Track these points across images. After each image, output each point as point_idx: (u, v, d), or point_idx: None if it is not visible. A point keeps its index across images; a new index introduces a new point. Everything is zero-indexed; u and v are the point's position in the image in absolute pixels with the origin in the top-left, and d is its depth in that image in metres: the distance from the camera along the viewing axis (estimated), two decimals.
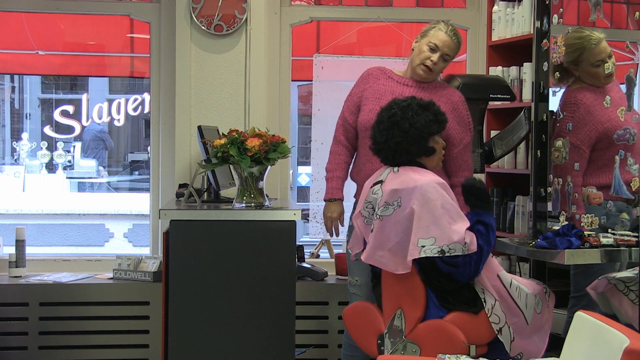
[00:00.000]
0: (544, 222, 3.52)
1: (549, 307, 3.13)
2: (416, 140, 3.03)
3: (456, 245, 2.85)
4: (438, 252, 2.84)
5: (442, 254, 2.84)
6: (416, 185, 2.92)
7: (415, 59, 3.48)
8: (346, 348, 3.60)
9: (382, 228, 2.94)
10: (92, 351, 4.34)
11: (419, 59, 3.45)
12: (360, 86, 3.58)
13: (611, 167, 3.32)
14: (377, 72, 3.57)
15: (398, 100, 3.11)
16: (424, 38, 3.47)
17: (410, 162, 3.05)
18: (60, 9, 4.77)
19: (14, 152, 10.61)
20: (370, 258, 2.97)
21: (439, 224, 2.86)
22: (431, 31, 3.46)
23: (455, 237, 2.85)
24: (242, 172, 3.75)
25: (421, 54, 3.45)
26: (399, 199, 2.92)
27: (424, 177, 2.96)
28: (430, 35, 3.45)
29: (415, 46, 3.50)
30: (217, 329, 3.63)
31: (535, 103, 3.58)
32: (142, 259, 4.49)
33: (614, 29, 3.52)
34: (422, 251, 2.84)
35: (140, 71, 5.53)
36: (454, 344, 2.84)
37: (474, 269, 2.91)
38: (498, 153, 3.91)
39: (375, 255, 2.96)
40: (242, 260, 3.64)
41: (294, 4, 4.81)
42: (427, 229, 2.85)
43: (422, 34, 3.49)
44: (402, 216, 2.90)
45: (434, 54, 3.43)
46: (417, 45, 3.48)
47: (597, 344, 2.29)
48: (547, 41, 3.50)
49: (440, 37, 3.43)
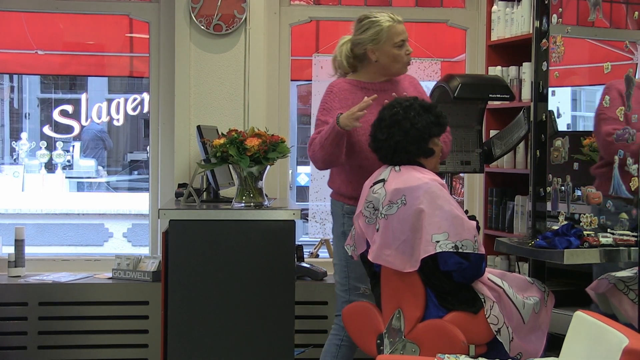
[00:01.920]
0: (543, 222, 3.52)
1: (547, 307, 3.14)
2: (416, 141, 3.04)
3: (467, 242, 2.87)
4: (452, 247, 2.86)
5: (456, 249, 2.86)
6: (420, 183, 2.93)
7: (392, 65, 3.38)
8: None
9: (387, 227, 2.94)
10: (92, 351, 4.34)
11: (398, 61, 3.37)
12: (337, 100, 3.39)
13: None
14: (346, 85, 3.43)
15: (400, 99, 3.12)
16: (384, 43, 3.33)
17: (410, 161, 3.06)
18: (60, 8, 4.78)
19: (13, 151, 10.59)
20: (377, 257, 2.97)
21: (450, 220, 2.87)
22: (383, 34, 3.32)
23: (466, 233, 2.87)
24: (241, 171, 3.75)
25: (396, 57, 3.36)
26: (403, 197, 2.93)
27: (426, 176, 2.97)
28: (387, 37, 3.33)
29: (379, 54, 3.35)
30: (216, 329, 3.63)
31: (535, 103, 3.58)
32: (141, 259, 4.49)
33: (613, 28, 3.52)
34: (438, 246, 2.85)
35: (140, 71, 5.53)
36: (454, 343, 2.84)
37: (483, 269, 2.93)
38: (497, 153, 3.91)
39: (382, 254, 2.95)
40: (242, 260, 3.64)
41: (293, 3, 4.81)
42: (439, 224, 2.87)
43: (374, 40, 3.33)
44: (407, 214, 2.90)
45: (405, 45, 3.38)
46: (382, 52, 3.34)
47: (597, 343, 2.29)
48: (547, 41, 3.50)
49: (398, 31, 3.35)
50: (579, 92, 4.53)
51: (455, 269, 2.90)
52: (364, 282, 3.38)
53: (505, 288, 3.00)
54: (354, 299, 3.39)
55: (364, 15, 3.42)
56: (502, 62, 4.36)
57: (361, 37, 3.37)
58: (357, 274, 3.38)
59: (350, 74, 3.49)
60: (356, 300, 3.36)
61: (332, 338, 3.50)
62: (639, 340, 2.13)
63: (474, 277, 2.94)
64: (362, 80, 3.44)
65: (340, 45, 3.47)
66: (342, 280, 3.46)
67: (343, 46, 3.45)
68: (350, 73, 3.49)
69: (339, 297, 3.49)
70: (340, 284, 3.47)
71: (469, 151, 3.84)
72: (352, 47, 3.42)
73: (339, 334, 3.46)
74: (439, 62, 5.64)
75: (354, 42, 3.41)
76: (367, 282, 3.34)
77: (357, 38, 3.39)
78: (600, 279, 3.22)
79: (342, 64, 3.46)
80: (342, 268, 3.45)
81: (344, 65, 3.46)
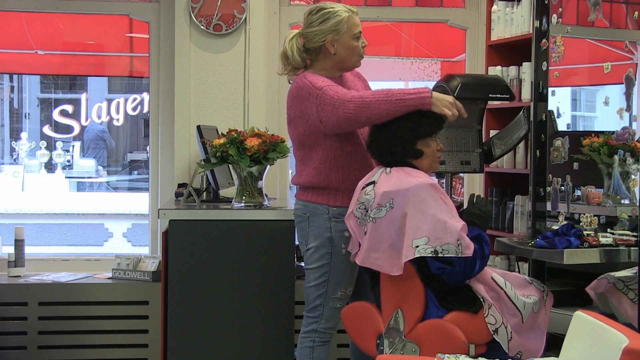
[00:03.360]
0: (543, 222, 3.52)
1: (546, 307, 3.13)
2: (400, 143, 3.02)
3: (449, 247, 2.84)
4: (432, 252, 2.83)
5: (436, 254, 2.84)
6: (408, 187, 2.91)
7: (350, 58, 3.29)
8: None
9: (375, 230, 2.93)
10: (91, 351, 4.34)
11: (356, 54, 3.30)
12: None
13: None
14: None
15: None
16: (344, 34, 3.25)
17: (401, 162, 3.05)
18: (60, 8, 4.78)
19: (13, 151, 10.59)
20: (365, 261, 2.97)
21: (431, 225, 2.85)
22: (342, 25, 3.24)
23: (448, 238, 2.85)
24: (241, 171, 3.75)
25: (354, 49, 3.28)
26: (391, 201, 2.92)
27: (415, 179, 2.95)
28: (347, 27, 3.25)
29: (338, 46, 3.25)
30: (216, 329, 3.63)
31: (535, 103, 3.58)
32: (141, 259, 4.49)
33: (613, 28, 3.52)
34: (417, 251, 2.83)
35: (140, 71, 5.52)
36: (455, 343, 2.84)
37: (474, 271, 2.90)
38: (497, 153, 3.90)
39: (370, 257, 2.95)
40: (241, 259, 3.64)
41: (293, 3, 4.81)
42: (419, 229, 2.85)
43: (335, 31, 3.23)
44: (394, 218, 2.90)
45: (362, 38, 3.31)
46: (341, 43, 3.25)
47: (596, 343, 2.29)
48: (547, 41, 3.50)
49: (356, 22, 3.28)
50: (578, 92, 4.54)
51: (440, 273, 2.90)
52: (343, 287, 3.30)
53: (507, 289, 2.99)
54: (333, 304, 3.31)
55: (319, 7, 3.30)
56: (502, 62, 4.36)
57: (320, 28, 3.25)
58: (338, 278, 3.29)
59: (302, 69, 3.35)
60: (334, 305, 3.30)
61: (303, 341, 3.37)
62: (639, 340, 2.13)
63: (464, 279, 2.92)
64: (318, 74, 3.29)
65: (290, 39, 3.31)
66: (320, 284, 3.31)
67: (294, 40, 3.30)
68: (302, 69, 3.35)
69: (310, 302, 3.34)
70: (316, 288, 3.31)
71: (469, 151, 3.83)
72: (305, 41, 3.29)
73: (309, 335, 3.36)
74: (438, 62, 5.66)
75: (307, 34, 3.28)
76: (347, 285, 3.31)
77: (315, 30, 3.26)
78: (599, 278, 3.22)
79: (295, 59, 3.30)
80: (322, 273, 3.29)
81: (297, 61, 3.30)
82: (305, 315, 3.37)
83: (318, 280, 3.31)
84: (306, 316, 3.36)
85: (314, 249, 3.30)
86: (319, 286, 3.31)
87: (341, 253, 3.26)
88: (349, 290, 3.34)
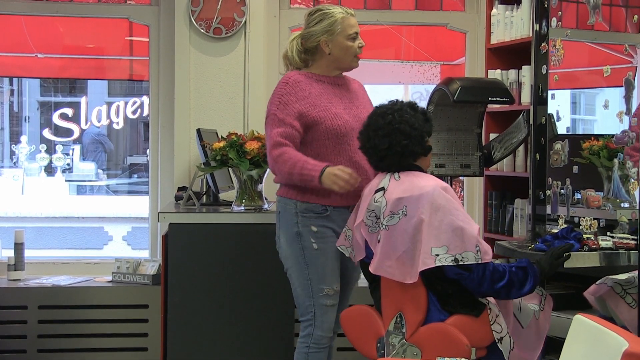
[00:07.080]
0: (543, 225, 3.52)
1: (545, 310, 3.13)
2: (418, 141, 3.02)
3: (469, 254, 2.83)
4: (452, 260, 2.82)
5: (456, 262, 2.83)
6: (422, 192, 2.89)
7: (345, 58, 3.35)
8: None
9: (388, 238, 2.91)
10: (91, 354, 4.34)
11: (351, 54, 3.35)
12: (294, 94, 3.30)
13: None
14: (301, 77, 3.36)
15: (384, 105, 3.08)
16: (338, 34, 3.32)
17: (409, 166, 3.04)
18: (60, 12, 4.79)
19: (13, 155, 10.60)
20: (379, 269, 2.95)
21: (450, 233, 2.84)
22: (337, 25, 3.31)
23: (467, 245, 2.84)
24: (241, 175, 3.75)
25: (349, 49, 3.34)
26: (404, 208, 2.90)
27: (428, 183, 2.93)
28: (341, 28, 3.32)
29: (333, 46, 3.32)
30: (216, 332, 3.63)
31: (534, 106, 3.58)
32: (141, 262, 4.49)
33: (613, 32, 3.52)
34: (437, 260, 2.82)
35: (140, 74, 5.53)
36: (457, 347, 2.83)
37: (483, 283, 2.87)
38: (497, 156, 3.91)
39: (383, 266, 2.93)
40: (241, 262, 3.64)
41: (293, 6, 4.82)
42: (438, 237, 2.83)
43: (328, 32, 3.31)
44: (408, 225, 2.87)
45: (358, 38, 3.37)
46: (335, 44, 3.32)
47: (596, 347, 2.28)
48: (546, 44, 3.50)
49: (351, 23, 3.35)
50: (578, 95, 4.54)
51: (457, 278, 2.89)
52: (327, 283, 3.28)
53: (515, 312, 2.99)
54: (321, 302, 3.28)
55: (316, 9, 3.42)
56: (501, 65, 4.36)
57: (314, 29, 3.35)
58: (319, 274, 3.27)
59: (303, 69, 3.42)
60: (323, 302, 3.28)
61: (300, 346, 3.35)
62: (638, 343, 2.13)
63: (477, 287, 2.89)
64: (316, 73, 3.39)
65: (291, 41, 3.43)
66: (303, 283, 3.29)
67: (294, 41, 3.41)
68: (303, 69, 3.42)
69: (301, 305, 3.32)
70: (301, 288, 3.30)
71: (469, 154, 3.84)
72: (304, 41, 3.38)
73: (305, 341, 3.33)
74: (438, 65, 5.66)
75: (305, 35, 3.38)
76: (331, 282, 3.29)
77: (310, 30, 3.36)
78: (597, 283, 3.22)
79: (294, 60, 3.40)
80: (300, 271, 3.28)
81: (296, 61, 3.40)
82: (301, 320, 3.36)
83: (300, 280, 3.30)
84: (301, 321, 3.35)
85: (286, 246, 3.31)
86: (303, 286, 3.30)
87: (313, 247, 3.25)
88: (335, 287, 3.31)
